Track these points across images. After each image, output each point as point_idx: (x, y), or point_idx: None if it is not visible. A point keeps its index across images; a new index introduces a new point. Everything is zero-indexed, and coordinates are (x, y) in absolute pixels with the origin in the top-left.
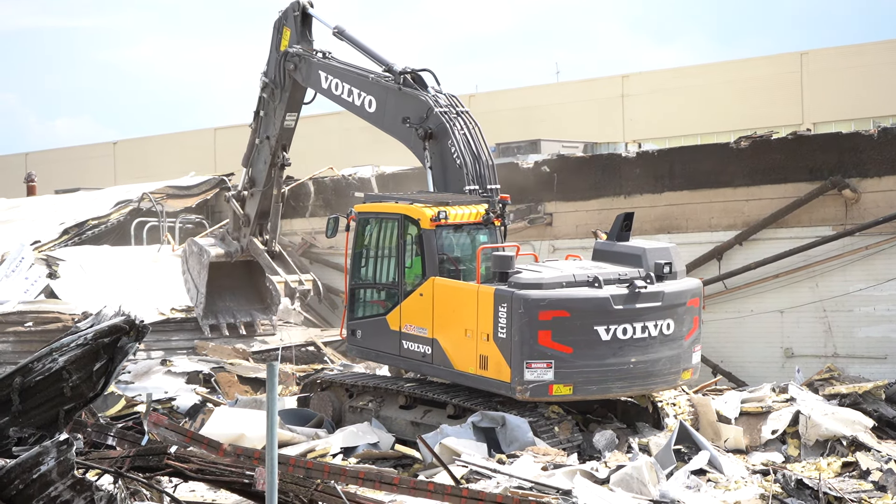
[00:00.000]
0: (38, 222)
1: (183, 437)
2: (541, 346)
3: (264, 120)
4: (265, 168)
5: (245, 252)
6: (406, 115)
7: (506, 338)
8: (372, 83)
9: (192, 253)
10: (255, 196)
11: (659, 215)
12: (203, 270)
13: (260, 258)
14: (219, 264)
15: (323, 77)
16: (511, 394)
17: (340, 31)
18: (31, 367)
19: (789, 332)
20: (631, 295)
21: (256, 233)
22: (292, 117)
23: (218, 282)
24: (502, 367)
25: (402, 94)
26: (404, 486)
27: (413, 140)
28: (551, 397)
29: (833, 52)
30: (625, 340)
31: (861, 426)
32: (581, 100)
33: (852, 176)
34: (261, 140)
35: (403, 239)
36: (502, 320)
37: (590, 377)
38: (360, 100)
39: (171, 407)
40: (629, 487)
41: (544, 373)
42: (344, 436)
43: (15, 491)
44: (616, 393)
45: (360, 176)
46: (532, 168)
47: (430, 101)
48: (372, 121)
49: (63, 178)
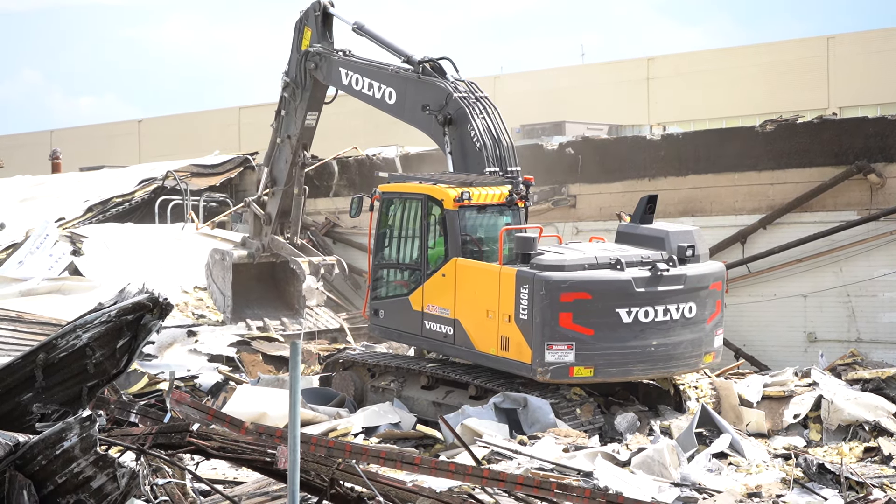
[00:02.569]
0: (62, 199)
1: (205, 414)
2: (562, 327)
3: (285, 119)
4: (286, 167)
5: (267, 250)
6: (426, 102)
7: (527, 319)
8: (391, 75)
9: (215, 261)
10: (277, 195)
11: (683, 198)
12: (227, 274)
13: (282, 250)
14: (245, 271)
15: (343, 73)
16: (532, 375)
17: (360, 27)
18: (54, 343)
19: (812, 316)
20: (653, 277)
21: (278, 231)
22: (313, 116)
23: (245, 289)
24: (523, 349)
25: (420, 82)
26: (425, 467)
27: (433, 127)
28: (572, 379)
29: (859, 37)
30: (646, 323)
31: (884, 411)
32: (606, 82)
33: (878, 161)
34: (282, 139)
35: (427, 219)
36: (524, 302)
37: (611, 360)
38: (381, 92)
39: (193, 385)
40: (650, 470)
41: (565, 355)
42: (365, 415)
43: (38, 467)
44: (637, 376)
45: (384, 156)
46: (556, 150)
47: (449, 88)
48: (393, 112)
49: (88, 156)
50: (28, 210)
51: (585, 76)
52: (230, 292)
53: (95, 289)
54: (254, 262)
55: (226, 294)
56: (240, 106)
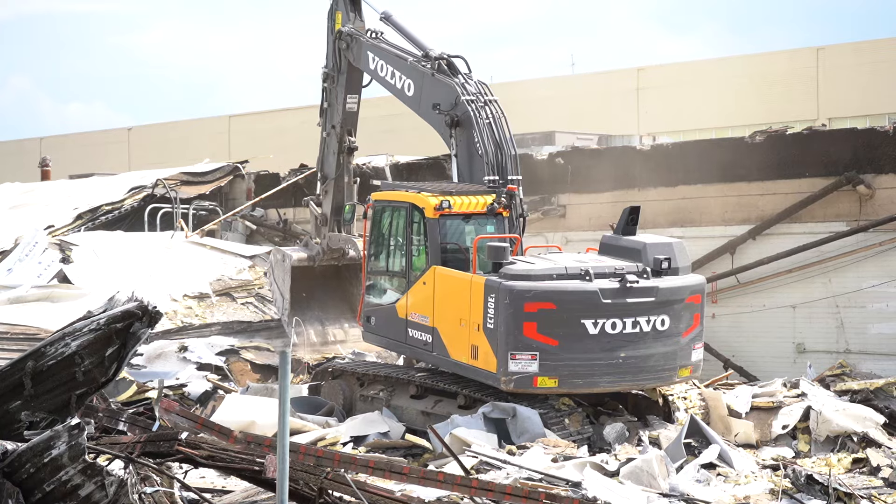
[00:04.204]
0: (52, 207)
1: (194, 423)
2: (525, 337)
3: (329, 111)
4: (335, 158)
5: (328, 253)
6: (437, 101)
7: (493, 328)
8: (410, 67)
9: (276, 261)
10: (329, 191)
11: (673, 209)
12: (286, 276)
13: (341, 243)
14: (308, 274)
15: (371, 58)
16: (497, 384)
17: (387, 17)
18: (43, 351)
19: (801, 327)
20: (622, 289)
21: (335, 229)
22: (353, 99)
23: (307, 291)
24: (490, 358)
25: (434, 79)
26: (414, 476)
27: (442, 127)
28: (535, 389)
29: (849, 48)
30: (614, 335)
31: (872, 422)
32: (596, 92)
33: (867, 172)
34: (328, 132)
35: (411, 227)
36: (491, 311)
37: (576, 371)
38: (402, 83)
39: (182, 393)
40: (639, 480)
41: (528, 364)
42: (354, 424)
43: (26, 474)
44: (604, 388)
45: (374, 165)
46: (546, 160)
47: (459, 89)
48: (410, 104)
49: (77, 164)
50: (17, 217)
51: (575, 86)
52: (288, 295)
53: (84, 297)
54: (314, 264)
55: (284, 297)
56: (230, 114)
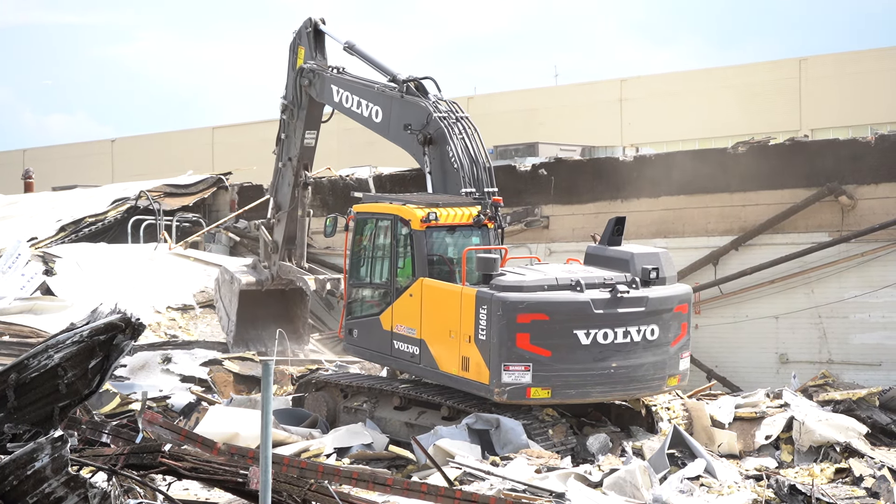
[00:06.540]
0: (35, 219)
1: (177, 435)
2: (519, 348)
3: (285, 143)
4: (289, 190)
5: (276, 279)
6: (408, 122)
7: (485, 340)
8: (377, 93)
9: (224, 281)
10: (282, 220)
11: (656, 219)
12: (234, 298)
13: (290, 274)
14: (252, 293)
15: (335, 91)
16: (489, 396)
17: (351, 46)
18: (26, 363)
19: (784, 337)
20: (613, 299)
21: (285, 258)
22: (312, 135)
23: (251, 311)
24: (482, 369)
25: (404, 101)
26: (398, 487)
27: (414, 146)
28: (529, 400)
29: (831, 59)
30: (606, 345)
31: (855, 432)
32: (579, 103)
33: (849, 183)
34: (283, 164)
35: (396, 239)
36: (483, 322)
37: (568, 381)
38: (368, 111)
39: (165, 405)
40: (622, 491)
41: (522, 375)
42: (338, 436)
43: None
44: (596, 397)
45: (357, 176)
46: (529, 171)
47: (430, 108)
48: (379, 131)
49: (60, 175)
50: (0, 230)
51: (559, 97)
52: (235, 318)
53: (68, 309)
54: (262, 289)
55: (231, 318)
56: (213, 126)
